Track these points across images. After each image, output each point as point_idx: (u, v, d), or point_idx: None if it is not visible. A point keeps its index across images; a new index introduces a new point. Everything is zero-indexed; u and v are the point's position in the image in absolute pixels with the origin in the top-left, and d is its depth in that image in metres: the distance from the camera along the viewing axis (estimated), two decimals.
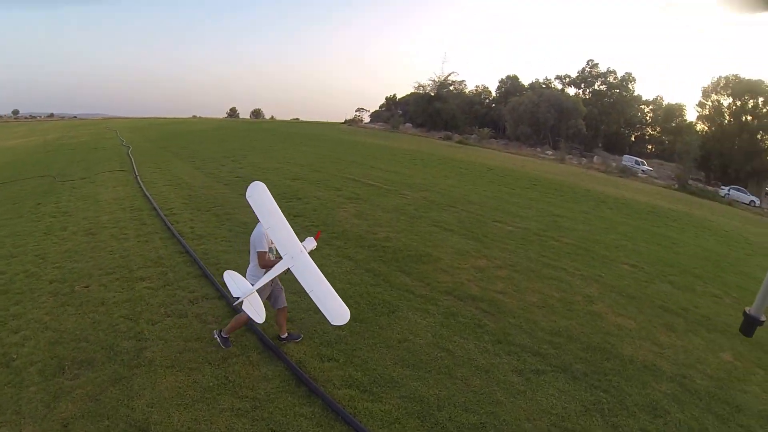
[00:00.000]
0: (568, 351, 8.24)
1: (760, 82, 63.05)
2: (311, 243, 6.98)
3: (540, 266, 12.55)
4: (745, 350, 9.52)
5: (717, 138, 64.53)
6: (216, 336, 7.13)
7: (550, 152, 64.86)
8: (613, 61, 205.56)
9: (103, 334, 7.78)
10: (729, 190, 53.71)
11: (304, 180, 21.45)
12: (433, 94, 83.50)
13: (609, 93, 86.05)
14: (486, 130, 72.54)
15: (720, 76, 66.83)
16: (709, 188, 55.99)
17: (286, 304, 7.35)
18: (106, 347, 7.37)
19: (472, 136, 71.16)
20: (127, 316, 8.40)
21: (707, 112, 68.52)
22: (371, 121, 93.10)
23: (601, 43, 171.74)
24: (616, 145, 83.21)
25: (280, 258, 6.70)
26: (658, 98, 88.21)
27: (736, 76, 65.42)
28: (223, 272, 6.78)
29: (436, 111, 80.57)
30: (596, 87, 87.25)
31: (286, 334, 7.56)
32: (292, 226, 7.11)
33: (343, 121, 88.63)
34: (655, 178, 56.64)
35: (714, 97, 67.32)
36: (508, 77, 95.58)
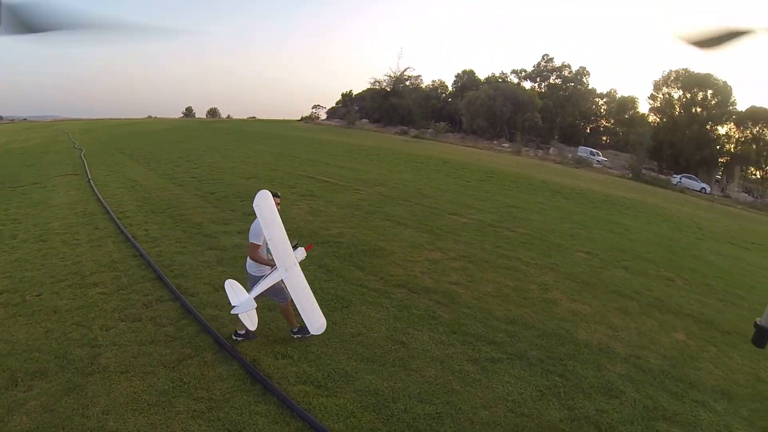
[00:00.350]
0: (523, 338, 8.26)
1: (708, 76, 65.08)
2: (302, 254, 7.24)
3: (495, 257, 12.61)
4: (698, 330, 9.88)
5: (668, 129, 66.42)
6: (296, 336, 7.63)
7: (506, 145, 65.74)
8: (568, 55, 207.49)
9: (56, 343, 7.50)
10: (680, 179, 55.29)
11: (259, 179, 21.31)
12: (389, 90, 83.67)
13: (564, 86, 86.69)
14: (442, 124, 72.58)
15: (671, 70, 68.95)
16: (662, 177, 57.41)
17: (289, 298, 7.24)
18: (59, 356, 7.11)
19: (429, 130, 71.84)
20: (80, 323, 8.11)
21: (658, 105, 70.50)
22: (328, 118, 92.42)
23: (556, 38, 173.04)
24: (572, 137, 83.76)
25: (271, 259, 6.98)
26: (612, 91, 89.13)
27: (686, 70, 67.42)
28: (224, 281, 6.95)
29: (392, 106, 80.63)
30: (551, 81, 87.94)
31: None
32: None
33: (299, 118, 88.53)
34: (610, 168, 58.46)
35: (665, 90, 69.19)
36: (464, 72, 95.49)
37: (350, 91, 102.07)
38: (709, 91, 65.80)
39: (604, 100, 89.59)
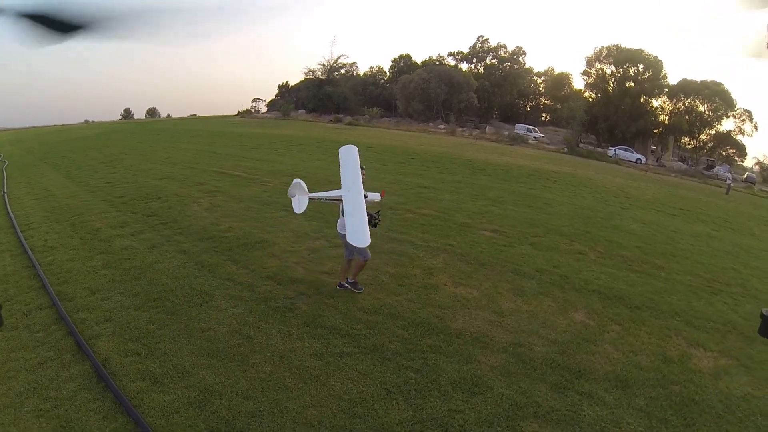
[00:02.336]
0: (385, 330, 7.70)
1: (640, 51, 65.61)
2: (376, 196, 8.64)
3: (383, 241, 11.92)
4: (602, 307, 9.28)
5: (603, 103, 66.54)
6: (345, 285, 8.85)
7: (442, 126, 65.30)
8: (504, 35, 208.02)
9: None
10: (616, 150, 57.07)
11: (172, 179, 20.71)
12: (323, 79, 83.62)
13: (500, 66, 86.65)
14: (375, 109, 73.37)
15: (602, 46, 68.64)
16: (599, 150, 58.82)
17: (368, 257, 8.59)
18: None
19: (364, 116, 71.27)
20: None
21: (592, 80, 71.77)
22: (269, 111, 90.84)
23: (492, 18, 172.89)
24: (512, 116, 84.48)
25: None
26: (550, 69, 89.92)
27: (617, 45, 67.33)
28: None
29: (327, 95, 79.78)
30: (488, 61, 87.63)
31: (354, 280, 8.92)
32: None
33: (236, 113, 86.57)
34: (547, 143, 59.27)
35: (598, 65, 70.53)
36: (400, 56, 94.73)
37: (287, 82, 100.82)
38: (641, 66, 66.89)
39: (543, 78, 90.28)
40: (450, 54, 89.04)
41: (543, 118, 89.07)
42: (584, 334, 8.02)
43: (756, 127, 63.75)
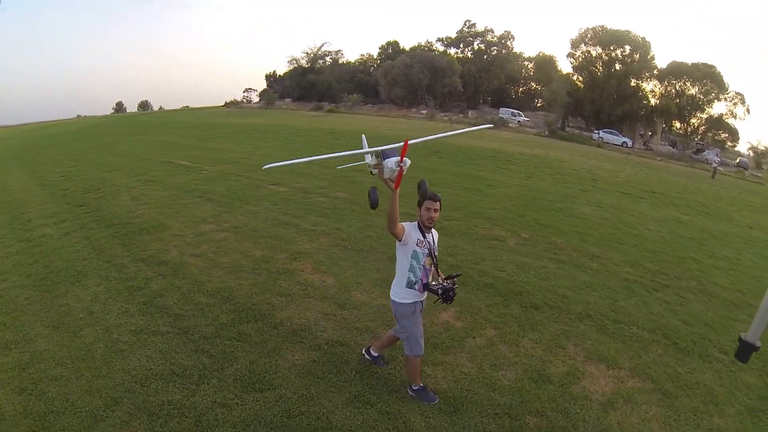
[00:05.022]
0: (209, 313, 7.35)
1: (626, 33, 64.99)
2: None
3: (272, 225, 11.69)
4: (486, 305, 7.83)
5: (588, 86, 66.32)
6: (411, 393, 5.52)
7: (424, 111, 64.12)
8: (494, 20, 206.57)
9: None
10: (600, 133, 56.21)
11: (120, 170, 20.48)
12: (307, 67, 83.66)
13: (488, 51, 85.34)
14: (355, 96, 71.70)
15: (587, 28, 68.11)
16: (585, 133, 58.22)
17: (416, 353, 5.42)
18: None
19: (345, 104, 70.13)
20: None
21: (577, 63, 70.78)
22: (260, 101, 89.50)
23: (481, 3, 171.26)
24: (501, 101, 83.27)
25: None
26: (540, 54, 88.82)
27: (602, 27, 66.77)
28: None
29: (311, 83, 79.58)
30: (475, 46, 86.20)
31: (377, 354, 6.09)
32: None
33: (223, 103, 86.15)
34: (531, 127, 58.65)
35: (583, 47, 69.52)
36: (388, 43, 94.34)
37: (274, 71, 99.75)
38: (628, 47, 65.83)
39: (533, 63, 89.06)
40: (438, 40, 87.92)
41: (536, 103, 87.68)
42: (438, 338, 6.70)
43: (748, 111, 62.97)
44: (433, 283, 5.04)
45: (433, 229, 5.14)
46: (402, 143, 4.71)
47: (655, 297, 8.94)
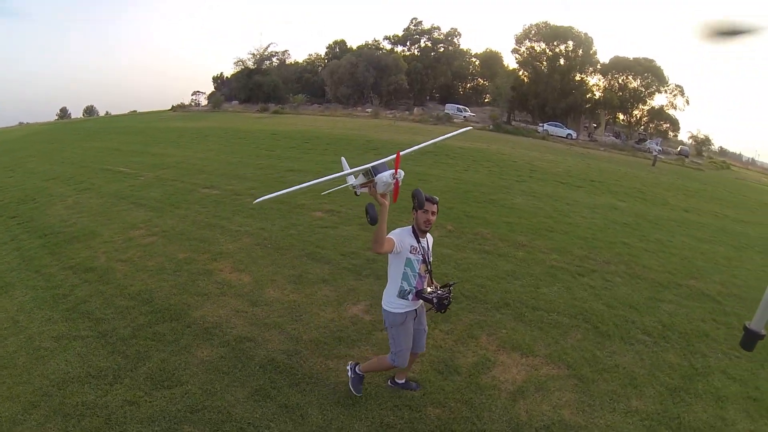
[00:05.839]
0: (128, 315, 7.27)
1: (569, 29, 66.49)
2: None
3: (199, 228, 11.59)
4: (376, 303, 7.19)
5: (533, 80, 67.22)
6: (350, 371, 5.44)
7: (369, 110, 64.75)
8: (441, 18, 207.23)
9: None
10: (545, 126, 56.94)
11: (58, 179, 19.75)
12: (253, 68, 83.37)
13: (435, 48, 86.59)
14: (300, 96, 72.91)
15: (531, 24, 69.23)
16: (531, 127, 59.06)
17: (423, 350, 5.39)
18: None
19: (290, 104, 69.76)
20: None
21: (522, 58, 71.50)
22: (208, 104, 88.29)
23: (427, 1, 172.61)
24: (449, 97, 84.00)
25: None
26: (487, 50, 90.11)
27: (546, 23, 67.98)
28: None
29: (257, 84, 79.76)
30: (422, 44, 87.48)
31: (404, 380, 5.59)
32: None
33: (170, 107, 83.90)
34: (476, 122, 58.88)
35: (527, 43, 70.49)
36: (335, 42, 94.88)
37: (221, 73, 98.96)
38: (571, 43, 67.29)
39: (479, 59, 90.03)
40: (386, 38, 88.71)
41: (483, 98, 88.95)
42: (345, 332, 6.69)
43: (688, 102, 66.41)
44: (429, 290, 4.78)
45: (428, 234, 4.89)
46: (392, 156, 4.52)
47: (580, 282, 8.87)
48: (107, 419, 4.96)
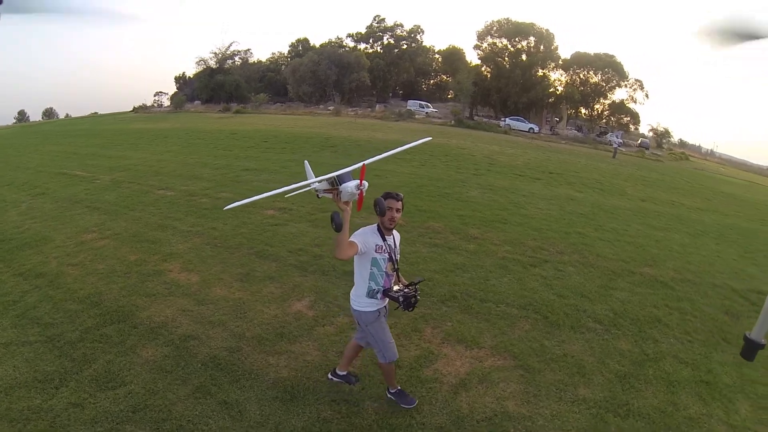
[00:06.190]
0: (77, 318, 7.08)
1: (531, 25, 67.06)
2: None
3: (152, 229, 11.34)
4: (342, 293, 7.50)
5: (495, 76, 67.61)
6: (388, 395, 5.18)
7: (331, 108, 63.37)
8: (403, 15, 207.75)
9: None
10: (507, 121, 57.46)
11: (12, 185, 19.08)
12: (215, 68, 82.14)
13: (398, 45, 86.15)
14: (262, 95, 71.32)
15: (493, 21, 69.52)
16: (493, 121, 59.52)
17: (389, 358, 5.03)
18: None
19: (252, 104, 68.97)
20: None
21: (484, 54, 72.10)
22: (170, 104, 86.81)
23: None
24: (413, 93, 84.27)
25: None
26: (451, 47, 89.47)
27: (507, 19, 68.32)
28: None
29: (219, 84, 79.03)
30: (385, 41, 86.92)
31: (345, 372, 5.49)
32: None
33: (132, 108, 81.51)
34: (438, 117, 59.26)
35: (489, 39, 71.08)
36: (298, 40, 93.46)
37: (183, 73, 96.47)
38: (532, 39, 68.00)
39: (441, 57, 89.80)
40: (348, 35, 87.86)
41: (446, 94, 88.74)
42: (287, 328, 6.66)
43: (647, 96, 67.85)
44: (395, 288, 4.71)
45: (394, 231, 4.82)
46: (357, 165, 4.56)
47: (532, 273, 8.84)
48: (52, 422, 4.88)
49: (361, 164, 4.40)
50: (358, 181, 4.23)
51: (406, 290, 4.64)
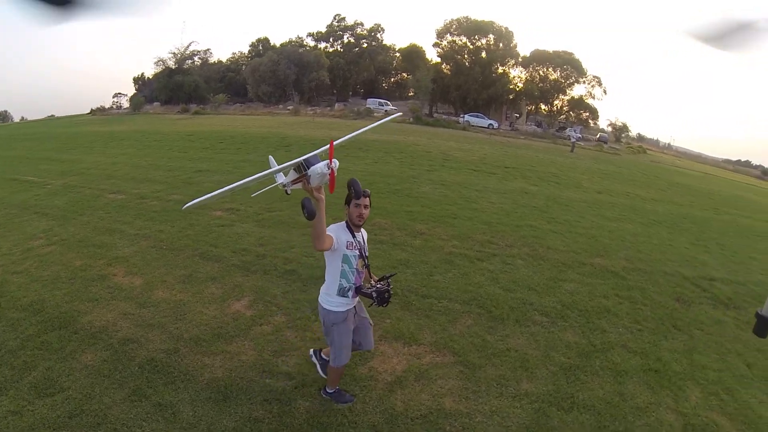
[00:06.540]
0: (19, 327, 6.77)
1: (490, 23, 68.36)
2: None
3: (99, 233, 10.96)
4: (282, 292, 7.57)
5: (454, 73, 68.43)
6: (324, 394, 5.12)
7: (290, 107, 63.66)
8: (364, 14, 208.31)
9: None
10: (465, 117, 58.16)
11: None
12: (174, 68, 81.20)
13: (358, 44, 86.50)
14: (221, 96, 70.31)
15: (452, 19, 70.56)
16: (453, 118, 60.12)
17: (372, 347, 5.23)
18: None
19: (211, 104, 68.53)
20: None
21: (443, 52, 72.75)
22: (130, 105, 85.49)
23: None
24: (373, 92, 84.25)
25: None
26: (411, 45, 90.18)
27: (467, 18, 69.40)
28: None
29: (178, 85, 77.26)
30: (345, 40, 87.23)
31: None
32: None
33: (89, 111, 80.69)
34: (399, 114, 56.93)
35: (449, 37, 71.94)
36: (258, 40, 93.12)
37: (142, 74, 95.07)
38: (492, 37, 68.98)
39: (401, 55, 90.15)
40: (309, 34, 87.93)
41: (407, 92, 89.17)
42: (225, 328, 6.51)
43: (605, 92, 72.71)
44: (367, 286, 4.66)
45: (362, 228, 4.71)
46: (324, 147, 4.47)
47: (478, 267, 8.75)
48: None
49: (328, 145, 4.22)
50: (327, 161, 4.07)
51: (378, 286, 4.60)
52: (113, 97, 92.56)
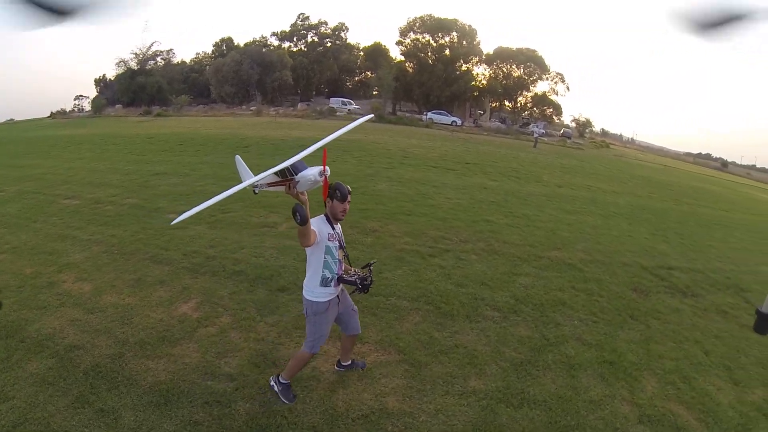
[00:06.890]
0: None
1: (453, 21, 68.70)
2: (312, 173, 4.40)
3: (51, 240, 10.56)
4: (229, 293, 7.46)
5: (417, 71, 68.49)
6: (273, 384, 5.14)
7: (253, 108, 62.84)
8: (328, 13, 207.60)
9: None
10: (428, 114, 58.41)
11: None
12: (136, 69, 79.00)
13: (321, 43, 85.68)
14: (184, 97, 69.37)
15: (415, 17, 70.71)
16: (417, 116, 60.28)
17: (359, 331, 5.33)
18: None
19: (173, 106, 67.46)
20: None
21: (407, 50, 73.20)
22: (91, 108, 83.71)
23: None
24: (337, 91, 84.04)
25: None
26: (376, 43, 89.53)
27: (430, 15, 69.59)
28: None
29: (140, 86, 76.21)
30: (309, 39, 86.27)
31: (350, 361, 5.57)
32: None
33: (49, 114, 79.03)
34: (360, 114, 57.06)
35: (412, 35, 71.89)
36: (222, 40, 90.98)
37: (104, 75, 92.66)
38: (455, 34, 69.35)
39: (365, 54, 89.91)
40: (273, 34, 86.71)
41: (371, 91, 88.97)
42: (170, 331, 6.39)
43: (568, 88, 72.19)
44: (350, 272, 4.84)
45: None
46: (307, 150, 4.59)
47: (430, 263, 8.71)
48: None
49: (311, 149, 4.44)
50: (321, 168, 4.08)
51: (360, 273, 4.77)
52: (74, 99, 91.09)
